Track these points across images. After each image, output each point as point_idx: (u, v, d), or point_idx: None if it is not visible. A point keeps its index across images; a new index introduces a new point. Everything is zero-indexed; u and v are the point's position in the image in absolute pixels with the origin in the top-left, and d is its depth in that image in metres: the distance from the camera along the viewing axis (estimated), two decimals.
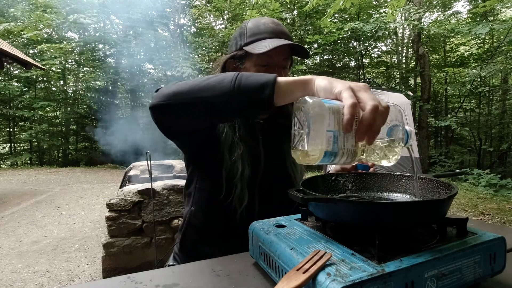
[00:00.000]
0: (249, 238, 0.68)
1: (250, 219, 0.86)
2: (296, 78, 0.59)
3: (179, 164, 3.73)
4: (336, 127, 0.49)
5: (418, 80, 11.98)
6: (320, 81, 0.56)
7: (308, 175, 0.88)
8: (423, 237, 0.58)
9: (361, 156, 0.53)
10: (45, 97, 11.95)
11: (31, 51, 11.71)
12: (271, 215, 0.83)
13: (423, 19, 10.91)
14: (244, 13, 10.98)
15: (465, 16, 11.21)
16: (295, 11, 12.35)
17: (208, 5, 11.94)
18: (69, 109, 12.65)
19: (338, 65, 13.54)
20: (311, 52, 13.28)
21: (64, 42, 10.80)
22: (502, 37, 8.62)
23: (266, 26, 0.93)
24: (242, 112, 0.68)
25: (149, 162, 2.17)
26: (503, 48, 8.47)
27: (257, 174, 0.93)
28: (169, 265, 1.00)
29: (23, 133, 12.14)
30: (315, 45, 12.27)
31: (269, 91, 0.58)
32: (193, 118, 0.72)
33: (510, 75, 11.20)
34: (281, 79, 0.59)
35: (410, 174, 0.74)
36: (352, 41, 12.25)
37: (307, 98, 0.50)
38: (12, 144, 12.55)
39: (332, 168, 1.02)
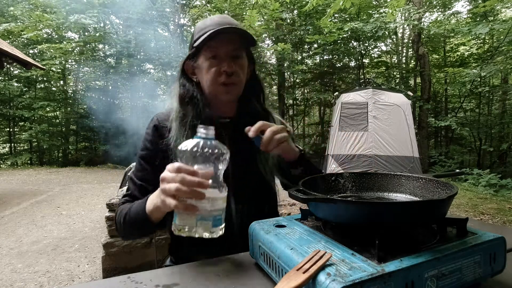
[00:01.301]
0: (249, 238, 0.68)
1: (226, 219, 0.90)
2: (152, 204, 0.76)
3: None
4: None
5: (418, 80, 11.97)
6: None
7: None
8: (423, 237, 0.58)
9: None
10: (45, 97, 11.95)
11: (31, 51, 11.71)
12: (248, 213, 0.84)
13: (423, 19, 10.90)
14: (244, 13, 10.98)
15: (465, 16, 11.21)
16: (295, 11, 12.34)
17: (208, 5, 11.94)
18: (69, 109, 12.65)
19: (338, 65, 13.53)
20: (311, 52, 13.30)
21: (64, 42, 10.80)
22: (502, 37, 8.62)
23: (212, 21, 0.91)
24: (153, 229, 0.84)
25: None
26: (503, 48, 8.47)
27: (226, 173, 0.92)
28: (166, 265, 1.01)
29: (23, 133, 12.14)
30: (315, 45, 12.27)
31: (147, 221, 0.78)
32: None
33: (510, 75, 11.20)
34: (149, 204, 0.77)
35: (410, 174, 0.74)
36: (352, 41, 12.25)
37: None
38: (12, 144, 12.55)
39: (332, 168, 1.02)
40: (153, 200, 0.75)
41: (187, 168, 0.61)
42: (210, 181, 0.62)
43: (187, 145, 0.62)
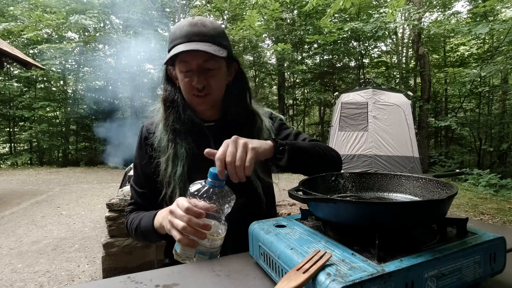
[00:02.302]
0: (249, 238, 0.68)
1: None
2: (158, 223, 0.84)
3: None
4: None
5: (418, 80, 11.97)
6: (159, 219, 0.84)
7: None
8: (423, 237, 0.58)
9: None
10: (45, 97, 11.96)
11: (31, 51, 11.71)
12: (238, 214, 0.84)
13: (423, 19, 10.91)
14: (244, 13, 10.98)
15: (465, 16, 11.21)
16: (295, 11, 12.34)
17: (208, 5, 11.94)
18: (69, 109, 12.65)
19: (338, 65, 13.53)
20: (311, 52, 13.30)
21: (64, 42, 10.80)
22: (502, 37, 8.62)
23: (181, 31, 0.88)
24: (163, 239, 0.91)
25: None
26: (503, 48, 8.47)
27: None
28: (165, 263, 1.01)
29: (23, 133, 12.15)
30: (315, 45, 12.27)
31: (155, 234, 0.86)
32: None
33: (510, 75, 11.21)
34: (156, 222, 0.85)
35: (410, 174, 0.74)
36: (352, 41, 12.26)
37: None
38: (12, 144, 12.56)
39: None
40: (160, 221, 0.82)
41: (195, 211, 0.67)
42: (213, 222, 0.69)
43: (197, 189, 0.70)
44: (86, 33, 12.25)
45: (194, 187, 0.70)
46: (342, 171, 0.91)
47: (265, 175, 0.99)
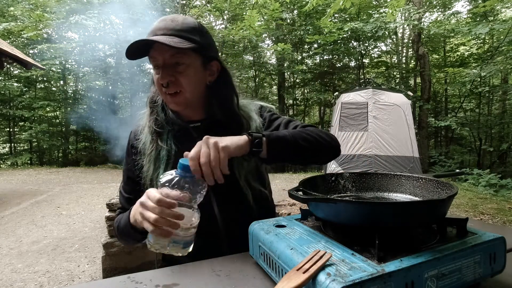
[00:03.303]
0: (249, 238, 0.68)
1: (211, 221, 0.91)
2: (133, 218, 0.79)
3: None
4: None
5: (418, 80, 11.97)
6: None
7: (308, 175, 0.87)
8: (423, 237, 0.58)
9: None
10: (45, 97, 11.95)
11: (31, 51, 11.71)
12: (232, 216, 0.84)
13: (423, 19, 10.90)
14: (244, 13, 10.98)
15: (465, 16, 11.21)
16: (295, 11, 12.34)
17: (208, 5, 11.94)
18: (69, 109, 12.65)
19: (338, 65, 13.53)
20: (311, 52, 13.30)
21: (64, 42, 10.80)
22: (502, 37, 8.62)
23: (152, 27, 0.86)
24: (140, 235, 0.85)
25: None
26: (503, 48, 8.47)
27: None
28: (163, 264, 1.01)
29: (23, 133, 12.14)
30: (315, 45, 12.27)
31: (133, 230, 0.82)
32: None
33: (510, 75, 11.21)
34: (131, 218, 0.80)
35: (410, 174, 0.74)
36: (352, 41, 12.25)
37: None
38: (12, 144, 12.55)
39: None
40: (134, 215, 0.78)
41: (167, 201, 0.64)
42: (186, 210, 0.67)
43: (168, 179, 0.68)
44: (86, 33, 12.25)
45: (164, 178, 0.68)
46: (342, 171, 0.90)
47: (257, 183, 0.95)
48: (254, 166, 0.94)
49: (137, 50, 0.84)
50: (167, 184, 0.67)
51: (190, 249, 0.69)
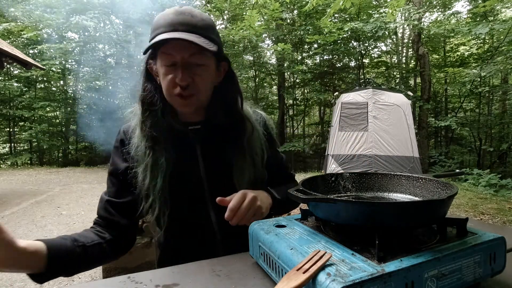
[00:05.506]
0: (249, 238, 0.68)
1: (208, 228, 0.90)
2: None
3: None
4: None
5: (418, 80, 11.97)
6: None
7: (308, 175, 0.88)
8: (423, 237, 0.58)
9: None
10: (45, 97, 11.96)
11: (31, 51, 11.71)
12: (223, 227, 0.85)
13: (423, 19, 10.90)
14: (244, 13, 10.98)
15: (465, 16, 11.21)
16: (295, 11, 12.34)
17: (208, 5, 11.94)
18: (69, 109, 12.66)
19: (338, 65, 13.53)
20: (311, 52, 13.29)
21: (64, 42, 10.80)
22: (502, 37, 8.62)
23: (164, 18, 0.77)
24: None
25: None
26: (503, 48, 8.47)
27: (200, 184, 0.89)
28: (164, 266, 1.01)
29: (23, 133, 12.14)
30: (315, 45, 12.27)
31: None
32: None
33: (510, 75, 11.20)
34: None
35: (410, 174, 0.74)
36: (352, 41, 12.24)
37: None
38: (12, 144, 12.56)
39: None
40: None
41: None
42: None
43: None
44: (86, 33, 12.26)
45: None
46: (342, 171, 0.91)
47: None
48: (253, 177, 0.91)
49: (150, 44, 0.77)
50: None
51: None
